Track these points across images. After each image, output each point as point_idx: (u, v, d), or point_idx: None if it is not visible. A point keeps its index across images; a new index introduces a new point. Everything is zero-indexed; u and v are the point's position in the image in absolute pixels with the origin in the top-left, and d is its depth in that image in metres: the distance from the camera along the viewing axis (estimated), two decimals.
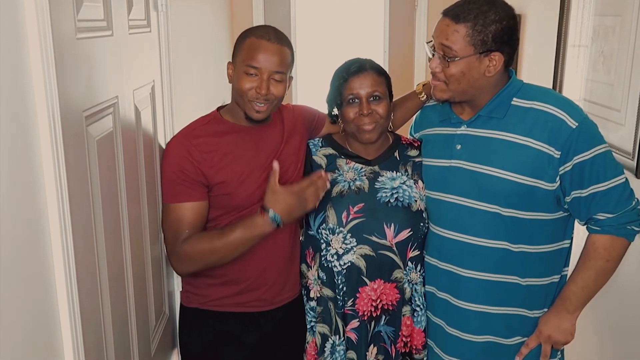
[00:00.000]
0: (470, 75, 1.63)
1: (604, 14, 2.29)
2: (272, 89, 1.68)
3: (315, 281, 1.87)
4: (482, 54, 1.60)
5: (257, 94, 1.67)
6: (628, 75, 1.99)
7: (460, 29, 1.59)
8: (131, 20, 1.56)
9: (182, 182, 1.70)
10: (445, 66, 1.63)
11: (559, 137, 1.59)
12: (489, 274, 1.71)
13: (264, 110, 1.71)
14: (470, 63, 1.61)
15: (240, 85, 1.69)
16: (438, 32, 1.64)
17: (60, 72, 1.07)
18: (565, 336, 1.71)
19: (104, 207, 1.31)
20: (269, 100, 1.70)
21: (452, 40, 1.60)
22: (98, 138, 1.29)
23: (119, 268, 1.44)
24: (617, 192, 1.60)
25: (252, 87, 1.67)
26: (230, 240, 1.67)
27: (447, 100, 1.71)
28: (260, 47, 1.67)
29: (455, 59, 1.60)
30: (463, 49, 1.59)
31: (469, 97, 1.69)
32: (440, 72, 1.65)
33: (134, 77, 1.58)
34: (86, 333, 1.18)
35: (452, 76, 1.63)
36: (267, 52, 1.67)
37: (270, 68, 1.67)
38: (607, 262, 1.64)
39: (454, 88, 1.65)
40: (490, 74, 1.64)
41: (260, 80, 1.67)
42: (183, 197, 1.70)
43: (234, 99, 1.76)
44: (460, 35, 1.59)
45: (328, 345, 1.87)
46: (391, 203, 1.80)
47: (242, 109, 1.73)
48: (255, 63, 1.67)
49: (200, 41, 3.06)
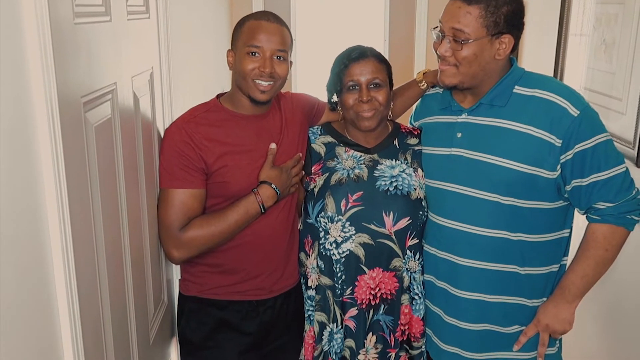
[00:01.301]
0: (482, 57, 1.62)
1: (606, 2, 2.27)
2: (275, 68, 1.68)
3: (314, 269, 1.87)
4: (494, 36, 1.60)
5: (260, 72, 1.67)
6: (630, 63, 1.98)
7: (472, 10, 1.58)
8: (130, 6, 1.54)
9: (183, 168, 1.69)
10: (458, 49, 1.61)
11: (561, 125, 1.58)
12: (488, 263, 1.71)
13: (268, 90, 1.70)
14: (482, 45, 1.60)
15: (243, 66, 1.68)
16: (449, 15, 1.62)
17: (58, 58, 1.05)
18: (564, 325, 1.71)
19: (102, 195, 1.30)
20: (274, 78, 1.69)
21: (464, 23, 1.58)
22: (96, 124, 1.28)
23: (117, 256, 1.44)
24: (617, 181, 1.60)
25: (255, 66, 1.67)
26: (231, 222, 1.70)
27: (455, 86, 1.69)
28: (261, 27, 1.68)
29: (468, 41, 1.59)
30: (475, 31, 1.58)
31: (477, 81, 1.67)
32: (451, 56, 1.63)
33: (132, 64, 1.56)
34: (84, 321, 1.18)
35: (465, 58, 1.61)
36: (268, 31, 1.68)
37: (272, 47, 1.68)
38: (607, 251, 1.64)
39: (465, 71, 1.64)
40: (500, 57, 1.63)
41: (263, 59, 1.67)
42: (183, 183, 1.69)
43: (236, 84, 1.75)
44: (473, 17, 1.58)
45: (326, 333, 1.87)
46: (390, 191, 1.80)
47: (245, 92, 1.72)
48: (256, 42, 1.67)
49: (199, 28, 3.04)
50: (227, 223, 1.70)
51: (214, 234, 1.70)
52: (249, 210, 1.71)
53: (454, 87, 1.71)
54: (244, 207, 1.71)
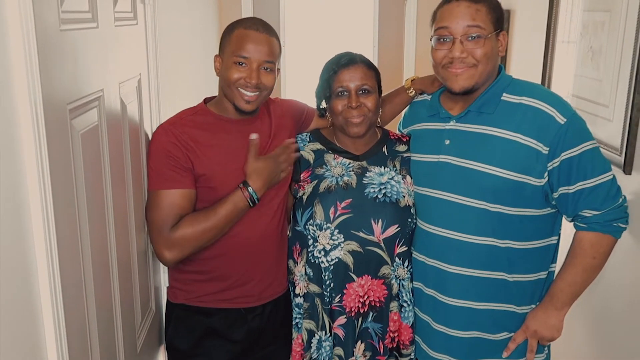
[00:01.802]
0: (494, 54, 1.65)
1: (593, 10, 2.29)
2: (262, 79, 1.68)
3: (302, 277, 1.86)
4: (496, 32, 1.64)
5: (246, 82, 1.66)
6: (616, 71, 1.99)
7: (481, 7, 1.61)
8: (117, 12, 1.53)
9: (171, 168, 1.67)
10: (475, 47, 1.61)
11: (548, 132, 1.59)
12: (476, 270, 1.71)
13: (253, 100, 1.69)
14: (492, 41, 1.64)
15: (229, 75, 1.67)
16: (458, 16, 1.61)
17: (43, 64, 1.05)
18: (552, 332, 1.71)
19: (88, 203, 1.29)
20: (260, 89, 1.69)
21: (479, 20, 1.61)
22: (82, 132, 1.27)
23: (104, 264, 1.42)
24: (604, 189, 1.60)
25: (241, 76, 1.67)
26: (221, 217, 1.68)
27: (471, 88, 1.66)
28: (249, 37, 1.67)
29: (486, 37, 1.61)
30: (488, 27, 1.62)
31: (485, 80, 1.68)
32: (467, 57, 1.62)
33: (120, 70, 1.55)
34: (70, 329, 1.16)
35: (485, 55, 1.62)
36: (256, 42, 1.67)
37: (259, 58, 1.67)
38: (594, 259, 1.64)
39: (483, 69, 1.64)
40: (502, 53, 1.68)
41: (250, 70, 1.66)
42: (173, 183, 1.68)
43: (222, 90, 1.75)
44: (483, 13, 1.61)
45: (314, 341, 1.86)
46: (379, 199, 1.79)
47: (230, 100, 1.71)
48: (244, 53, 1.66)
49: (188, 33, 3.03)
50: (217, 218, 1.68)
51: (205, 230, 1.68)
52: (237, 203, 1.70)
53: (466, 92, 1.67)
54: (232, 201, 1.69)
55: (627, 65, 1.89)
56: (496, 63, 1.68)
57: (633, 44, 1.85)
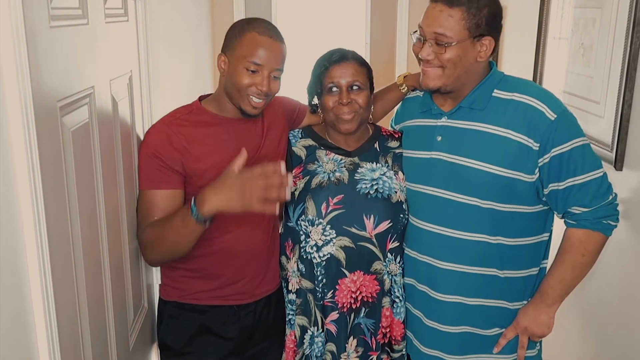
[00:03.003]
0: (465, 59, 1.61)
1: (584, 6, 2.29)
2: (271, 86, 1.67)
3: (294, 273, 1.87)
4: (475, 38, 1.59)
5: (258, 90, 1.65)
6: (607, 67, 2.00)
7: (454, 13, 1.57)
8: (108, 9, 1.53)
9: (158, 169, 1.67)
10: (441, 52, 1.60)
11: (538, 128, 1.59)
12: (468, 267, 1.71)
13: (260, 106, 1.69)
14: (465, 47, 1.60)
15: (239, 80, 1.65)
16: (430, 19, 1.61)
17: (33, 61, 1.04)
18: (542, 329, 1.72)
19: (80, 201, 1.29)
20: (268, 96, 1.69)
21: (446, 27, 1.58)
22: (73, 129, 1.26)
23: (95, 262, 1.42)
24: (593, 186, 1.61)
25: (253, 83, 1.65)
26: (170, 228, 1.59)
27: (439, 89, 1.67)
28: (264, 44, 1.64)
29: (451, 44, 1.58)
30: (458, 34, 1.58)
31: (459, 84, 1.66)
32: (434, 59, 1.62)
33: (110, 67, 1.55)
34: (61, 327, 1.16)
35: (450, 60, 1.60)
36: (271, 49, 1.65)
37: (272, 66, 1.65)
38: (583, 256, 1.65)
39: (450, 73, 1.63)
40: (482, 59, 1.63)
41: (262, 78, 1.65)
42: (158, 183, 1.67)
43: (226, 91, 1.72)
44: (455, 19, 1.57)
45: (307, 337, 1.86)
46: (371, 194, 1.80)
47: (236, 103, 1.70)
48: (259, 60, 1.64)
49: (180, 30, 3.02)
50: (168, 226, 1.60)
51: (159, 237, 1.63)
52: (185, 218, 1.54)
53: (436, 90, 1.69)
54: (181, 215, 1.57)
55: (617, 62, 1.90)
56: (470, 68, 1.63)
57: (624, 40, 1.86)
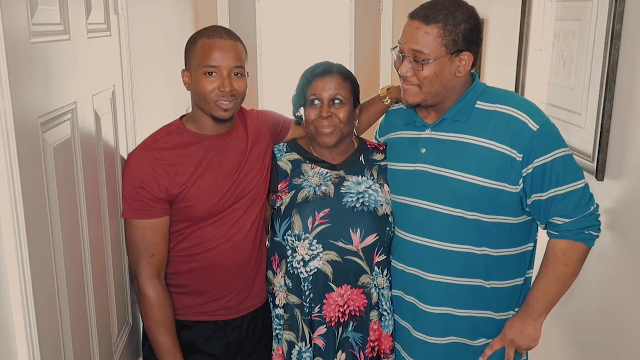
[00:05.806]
0: (443, 76, 1.62)
1: (564, 19, 2.32)
2: (234, 85, 1.66)
3: (281, 288, 1.85)
4: (453, 54, 1.60)
5: (221, 92, 1.64)
6: (587, 78, 2.02)
7: (431, 30, 1.57)
8: (90, 24, 1.52)
9: (142, 199, 1.66)
10: (418, 69, 1.60)
11: (521, 139, 1.60)
12: (454, 278, 1.72)
13: (230, 108, 1.68)
14: (442, 64, 1.60)
15: (201, 87, 1.65)
16: (407, 36, 1.61)
17: (13, 77, 1.03)
18: (528, 342, 1.72)
19: (62, 217, 1.27)
20: (234, 96, 1.67)
21: (422, 44, 1.58)
22: (55, 145, 1.25)
23: (78, 278, 1.40)
24: (575, 197, 1.61)
25: (214, 87, 1.64)
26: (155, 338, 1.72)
27: (419, 104, 1.69)
28: (215, 45, 1.65)
29: (428, 61, 1.59)
30: (435, 51, 1.58)
31: (440, 99, 1.67)
32: (412, 76, 1.63)
33: (93, 82, 1.54)
34: (43, 344, 1.14)
35: (426, 78, 1.61)
36: (222, 49, 1.65)
37: (228, 64, 1.65)
38: (566, 266, 1.65)
39: (428, 90, 1.63)
40: (461, 74, 1.64)
41: (222, 79, 1.64)
42: (144, 214, 1.67)
43: (196, 105, 1.72)
44: (432, 36, 1.57)
45: (294, 352, 1.85)
46: (357, 208, 1.79)
47: (207, 113, 1.69)
48: (212, 62, 1.64)
49: (163, 45, 3.01)
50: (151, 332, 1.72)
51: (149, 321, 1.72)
52: None
53: (417, 105, 1.70)
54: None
55: (597, 73, 1.92)
56: (448, 83, 1.64)
57: (602, 52, 1.88)
